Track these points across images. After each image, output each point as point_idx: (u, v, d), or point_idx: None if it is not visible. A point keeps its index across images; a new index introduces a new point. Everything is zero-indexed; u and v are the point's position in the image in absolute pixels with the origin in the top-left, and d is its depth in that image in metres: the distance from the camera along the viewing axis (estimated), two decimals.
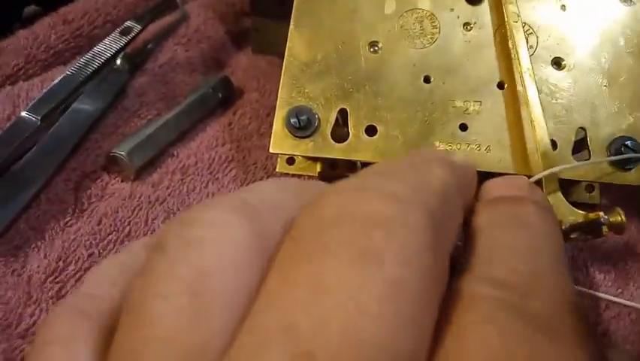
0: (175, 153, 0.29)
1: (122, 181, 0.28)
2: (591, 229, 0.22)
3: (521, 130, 0.24)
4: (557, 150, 0.24)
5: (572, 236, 0.22)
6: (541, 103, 0.24)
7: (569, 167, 0.23)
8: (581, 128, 0.25)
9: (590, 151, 0.25)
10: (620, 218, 0.21)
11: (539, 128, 0.23)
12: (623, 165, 0.24)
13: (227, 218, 0.11)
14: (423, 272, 0.11)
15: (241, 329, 0.10)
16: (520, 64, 0.24)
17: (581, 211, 0.22)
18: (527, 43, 0.25)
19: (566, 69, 0.26)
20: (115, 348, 0.11)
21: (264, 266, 0.11)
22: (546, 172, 0.21)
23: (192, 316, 0.10)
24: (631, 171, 0.24)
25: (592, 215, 0.21)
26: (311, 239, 0.11)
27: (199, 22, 0.36)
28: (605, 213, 0.21)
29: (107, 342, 0.12)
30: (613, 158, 0.24)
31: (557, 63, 0.26)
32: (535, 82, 0.24)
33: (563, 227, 0.22)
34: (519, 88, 0.25)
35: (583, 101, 0.25)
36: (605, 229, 0.21)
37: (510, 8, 0.26)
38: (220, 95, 0.32)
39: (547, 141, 0.23)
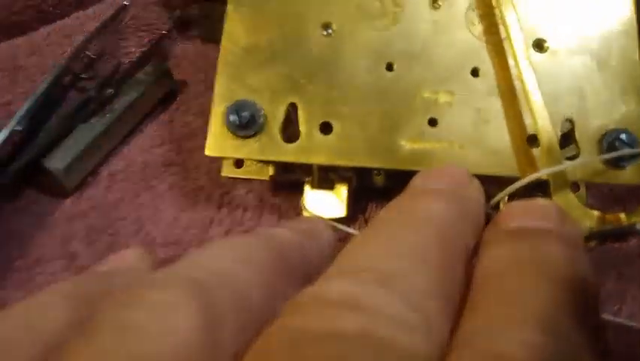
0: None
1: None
2: (620, 235, 0.19)
3: (510, 123, 0.21)
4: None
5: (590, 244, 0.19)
6: None
7: (563, 168, 0.20)
8: (568, 119, 0.22)
9: (578, 146, 0.21)
10: None
11: (542, 119, 0.20)
12: (616, 163, 0.21)
13: (173, 301, 0.10)
14: None
15: None
16: (512, 46, 0.21)
17: (595, 212, 0.19)
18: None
19: (548, 52, 0.22)
20: None
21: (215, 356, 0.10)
22: (539, 174, 0.18)
23: None
24: (626, 169, 0.21)
25: (621, 219, 0.19)
26: (285, 356, 0.09)
27: (138, 10, 0.32)
28: (629, 217, 0.19)
29: None
30: (607, 156, 0.21)
31: (539, 45, 0.23)
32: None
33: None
34: (514, 73, 0.21)
35: (569, 89, 0.22)
36: None
37: None
38: (158, 89, 0.28)
39: (552, 134, 0.20)
